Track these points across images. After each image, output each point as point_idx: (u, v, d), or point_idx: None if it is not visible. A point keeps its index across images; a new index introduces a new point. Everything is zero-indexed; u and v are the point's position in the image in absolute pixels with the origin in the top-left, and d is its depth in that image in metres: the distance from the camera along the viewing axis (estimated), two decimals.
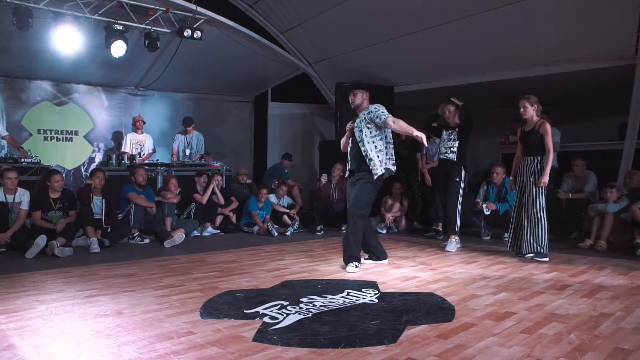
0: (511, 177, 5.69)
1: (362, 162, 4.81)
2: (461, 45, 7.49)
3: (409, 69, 8.61)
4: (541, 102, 5.38)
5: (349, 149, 5.06)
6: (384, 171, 4.82)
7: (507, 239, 6.68)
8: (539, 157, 5.27)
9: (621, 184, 6.33)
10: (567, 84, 7.32)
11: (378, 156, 4.77)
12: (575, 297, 3.62)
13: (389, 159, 4.90)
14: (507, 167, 7.14)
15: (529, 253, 5.25)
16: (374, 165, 4.73)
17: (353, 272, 4.57)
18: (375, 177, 4.73)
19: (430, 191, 7.66)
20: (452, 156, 6.11)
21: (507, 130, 8.66)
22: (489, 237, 6.92)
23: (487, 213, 6.81)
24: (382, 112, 4.78)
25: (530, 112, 5.34)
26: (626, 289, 3.91)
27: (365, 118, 4.86)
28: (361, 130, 4.83)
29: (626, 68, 6.36)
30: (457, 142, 6.12)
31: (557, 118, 6.65)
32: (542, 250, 5.18)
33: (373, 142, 4.81)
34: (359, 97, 5.00)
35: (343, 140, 5.20)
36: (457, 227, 6.03)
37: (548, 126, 5.23)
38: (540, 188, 5.19)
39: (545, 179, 5.16)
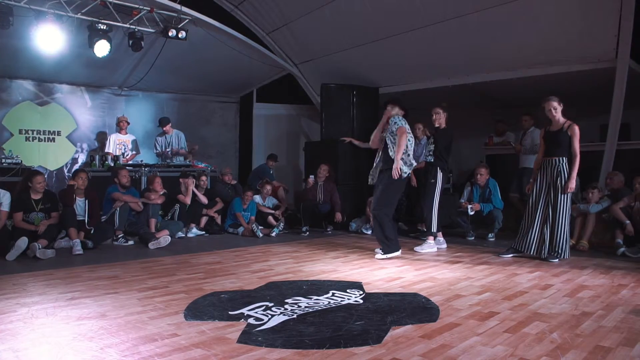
0: (531, 180, 5.51)
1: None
2: (445, 47, 7.55)
3: (394, 70, 8.65)
4: (523, 104, 5.42)
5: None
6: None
7: (492, 239, 6.82)
8: (564, 158, 5.20)
9: (602, 184, 6.42)
10: (548, 86, 7.38)
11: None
12: (557, 297, 3.66)
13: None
14: (491, 168, 7.23)
15: (547, 254, 5.22)
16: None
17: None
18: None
19: (415, 192, 7.70)
20: (430, 158, 6.26)
21: (490, 131, 8.75)
22: (473, 238, 6.97)
23: (472, 214, 6.86)
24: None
25: (560, 112, 5.27)
26: (607, 288, 3.97)
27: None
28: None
29: (607, 71, 6.46)
30: (433, 144, 6.25)
31: (539, 119, 6.73)
32: (562, 254, 5.16)
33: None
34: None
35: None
36: (434, 229, 6.06)
37: (577, 129, 5.16)
38: (563, 194, 5.14)
39: (572, 184, 5.10)
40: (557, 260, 5.16)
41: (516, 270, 4.72)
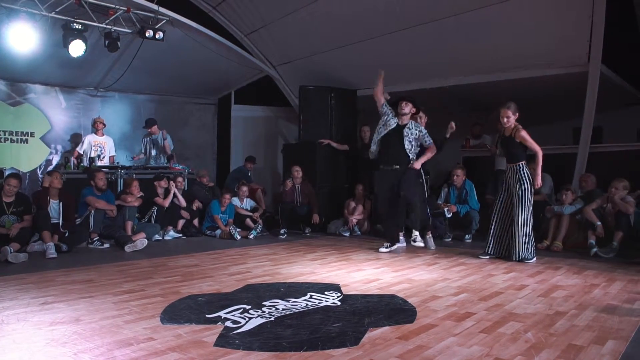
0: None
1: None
2: (423, 50, 7.63)
3: (372, 73, 8.63)
4: (499, 107, 5.49)
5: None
6: None
7: (468, 240, 6.90)
8: (522, 164, 5.31)
9: (576, 186, 6.55)
10: (523, 89, 7.54)
11: None
12: (532, 297, 3.72)
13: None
14: (468, 169, 7.32)
15: (518, 258, 5.28)
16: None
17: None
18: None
19: None
20: None
21: (467, 134, 8.85)
22: (450, 239, 7.04)
23: (449, 216, 6.93)
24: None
25: (512, 120, 5.34)
26: (580, 287, 4.05)
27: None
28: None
29: (579, 75, 6.60)
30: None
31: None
32: (529, 256, 5.25)
33: None
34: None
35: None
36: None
37: (523, 132, 5.24)
38: (527, 196, 5.25)
39: (539, 180, 5.24)
40: (533, 260, 5.24)
41: (492, 271, 4.79)
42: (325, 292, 3.83)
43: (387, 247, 5.97)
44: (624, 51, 7.18)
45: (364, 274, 4.66)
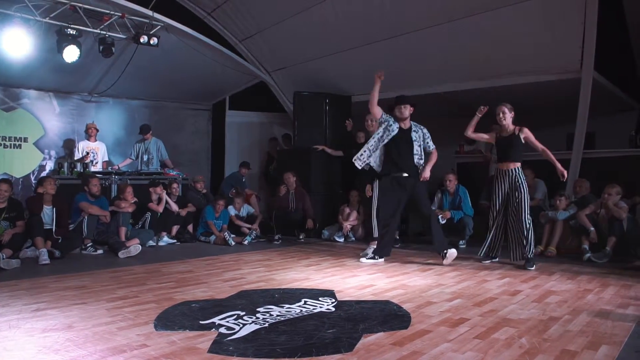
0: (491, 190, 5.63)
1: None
2: (417, 56, 7.65)
3: (366, 79, 8.62)
4: (492, 113, 5.51)
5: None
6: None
7: (462, 245, 6.91)
8: (518, 167, 5.32)
9: (570, 192, 6.58)
10: (517, 95, 7.56)
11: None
12: (526, 302, 3.73)
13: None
14: (463, 175, 7.35)
15: (521, 261, 5.31)
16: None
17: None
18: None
19: None
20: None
21: (462, 140, 8.87)
22: None
23: (443, 222, 6.94)
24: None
25: (510, 118, 5.37)
26: (573, 293, 4.06)
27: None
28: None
29: (572, 81, 6.63)
30: None
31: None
32: (530, 264, 5.24)
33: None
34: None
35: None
36: (375, 234, 6.13)
37: (528, 129, 5.29)
38: (527, 202, 5.25)
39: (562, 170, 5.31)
40: (533, 267, 5.21)
41: (486, 276, 4.79)
42: (320, 298, 3.83)
43: (372, 258, 5.65)
44: (616, 58, 7.23)
45: (358, 279, 4.65)
